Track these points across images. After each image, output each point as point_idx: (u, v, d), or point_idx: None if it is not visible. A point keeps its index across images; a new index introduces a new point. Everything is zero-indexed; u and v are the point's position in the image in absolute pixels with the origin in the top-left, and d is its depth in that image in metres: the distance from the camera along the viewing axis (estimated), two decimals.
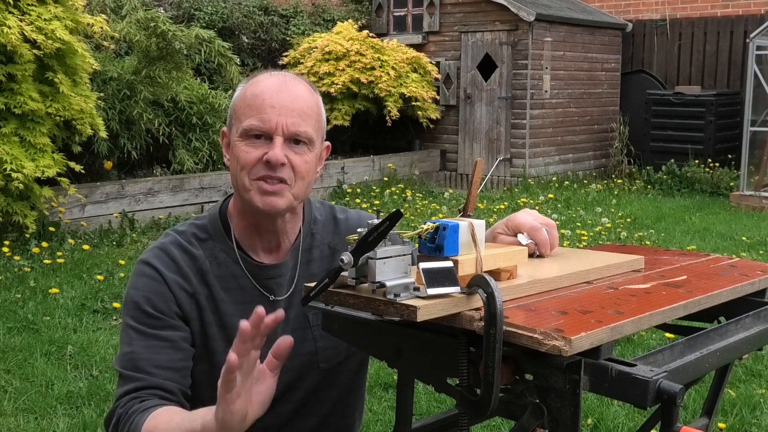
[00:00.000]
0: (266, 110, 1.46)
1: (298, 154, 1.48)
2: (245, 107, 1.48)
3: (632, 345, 4.19)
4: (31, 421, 3.36)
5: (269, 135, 1.46)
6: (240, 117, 1.49)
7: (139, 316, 1.49)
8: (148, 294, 1.50)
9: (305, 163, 1.49)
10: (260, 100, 1.47)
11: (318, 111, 1.53)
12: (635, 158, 10.56)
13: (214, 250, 1.56)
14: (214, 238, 1.57)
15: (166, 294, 1.51)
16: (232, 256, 1.56)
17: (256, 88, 1.49)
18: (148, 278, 1.52)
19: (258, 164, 1.46)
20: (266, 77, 1.52)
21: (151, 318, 1.49)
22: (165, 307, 1.50)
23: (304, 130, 1.48)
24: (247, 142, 1.47)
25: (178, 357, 1.49)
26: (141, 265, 1.55)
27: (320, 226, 1.65)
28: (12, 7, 5.71)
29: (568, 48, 10.30)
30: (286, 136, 1.46)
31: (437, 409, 3.40)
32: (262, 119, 1.46)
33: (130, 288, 1.54)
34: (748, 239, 6.95)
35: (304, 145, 1.49)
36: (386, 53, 9.78)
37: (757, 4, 10.45)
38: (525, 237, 1.41)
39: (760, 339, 1.32)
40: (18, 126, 5.74)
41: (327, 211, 1.68)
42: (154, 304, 1.50)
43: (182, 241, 1.56)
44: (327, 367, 1.61)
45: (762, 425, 3.35)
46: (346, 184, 9.13)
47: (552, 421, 1.06)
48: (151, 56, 7.62)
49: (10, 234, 6.05)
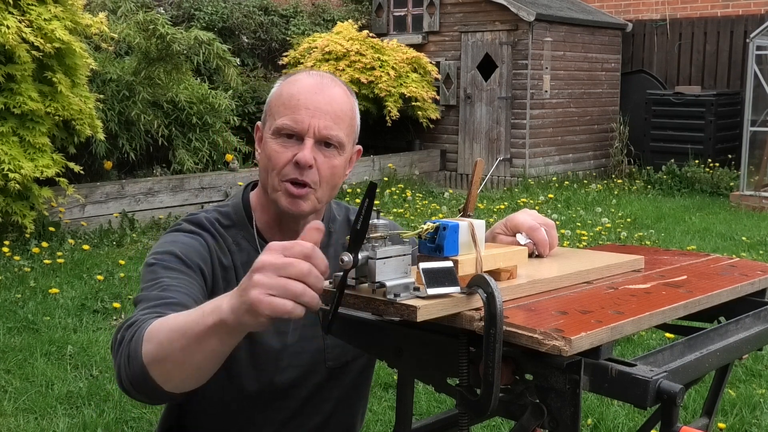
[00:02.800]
0: (300, 111, 1.47)
1: (327, 158, 1.49)
2: (280, 105, 1.49)
3: (632, 345, 4.19)
4: (31, 421, 3.36)
5: (300, 136, 1.47)
6: (274, 114, 1.50)
7: (168, 258, 1.46)
8: (185, 247, 1.48)
9: (332, 167, 1.50)
10: (295, 101, 1.48)
11: (352, 115, 1.54)
12: (635, 158, 10.56)
13: (236, 237, 1.57)
14: (237, 225, 1.58)
15: (204, 255, 1.49)
16: (253, 245, 1.57)
17: (293, 87, 1.50)
18: (190, 237, 1.51)
19: (288, 165, 1.47)
20: (305, 77, 1.52)
21: (182, 262, 1.46)
22: (198, 262, 1.48)
23: (335, 134, 1.49)
24: (279, 140, 1.48)
25: (201, 299, 1.40)
26: (181, 227, 1.53)
27: (338, 225, 1.67)
28: (12, 7, 5.71)
29: (568, 48, 10.30)
30: (317, 138, 1.48)
31: (437, 409, 3.40)
32: (295, 119, 1.47)
33: (164, 241, 1.50)
34: (748, 239, 6.95)
35: (334, 149, 1.50)
36: (386, 53, 9.78)
37: (757, 4, 10.45)
38: (524, 237, 1.41)
39: (760, 339, 1.32)
40: (17, 126, 5.74)
41: (343, 212, 1.71)
42: (188, 254, 1.47)
43: (214, 221, 1.57)
44: (333, 365, 1.61)
45: (762, 425, 3.35)
46: (346, 184, 9.13)
47: (552, 421, 1.06)
48: (150, 57, 7.62)
49: (10, 234, 6.05)
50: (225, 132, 8.29)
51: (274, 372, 1.57)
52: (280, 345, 1.56)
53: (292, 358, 1.57)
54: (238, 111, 8.85)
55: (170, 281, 1.40)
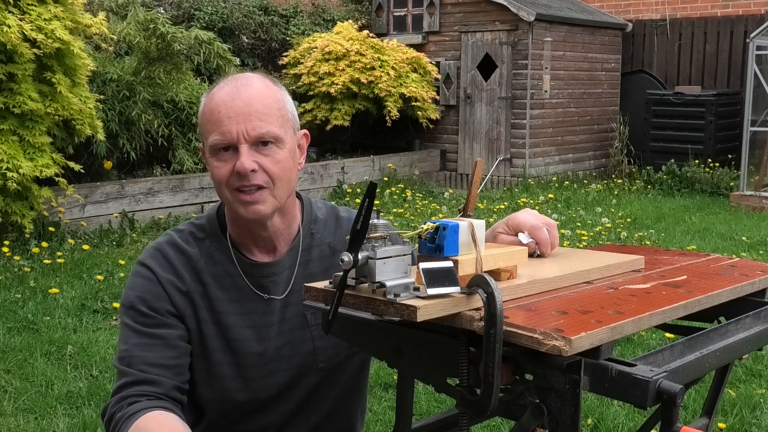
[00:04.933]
0: (224, 122, 1.45)
1: (269, 156, 1.47)
2: (206, 123, 1.49)
3: (632, 345, 4.19)
4: (31, 421, 3.36)
5: (234, 146, 1.46)
6: (205, 134, 1.50)
7: (134, 315, 1.52)
8: (142, 294, 1.53)
9: (277, 162, 1.48)
10: (216, 114, 1.47)
11: (279, 105, 1.50)
12: (635, 158, 10.56)
13: (210, 249, 1.57)
14: (211, 237, 1.58)
15: (160, 293, 1.53)
16: (227, 255, 1.57)
17: (211, 102, 1.49)
18: (143, 278, 1.55)
19: (232, 176, 1.47)
20: (219, 88, 1.51)
21: (145, 317, 1.52)
22: (159, 306, 1.52)
23: (266, 131, 1.46)
24: (217, 157, 1.48)
25: (171, 354, 1.51)
26: (137, 266, 1.58)
27: (321, 225, 1.65)
28: (12, 7, 5.71)
29: (568, 48, 10.30)
30: (250, 142, 1.46)
31: (437, 409, 3.39)
32: (222, 132, 1.46)
33: (127, 288, 1.56)
34: (748, 239, 6.95)
35: (273, 145, 1.48)
36: (386, 53, 9.78)
37: (757, 4, 10.45)
38: (526, 236, 1.41)
39: (760, 339, 1.32)
40: (17, 125, 5.74)
41: (329, 211, 1.68)
42: (148, 303, 1.52)
43: (178, 240, 1.58)
44: (326, 366, 1.61)
45: (762, 425, 3.34)
46: (346, 184, 9.13)
47: (552, 421, 1.06)
48: (150, 57, 7.62)
49: (10, 234, 6.05)
50: None
51: (262, 378, 1.58)
52: (262, 351, 1.57)
53: (279, 362, 1.58)
54: None
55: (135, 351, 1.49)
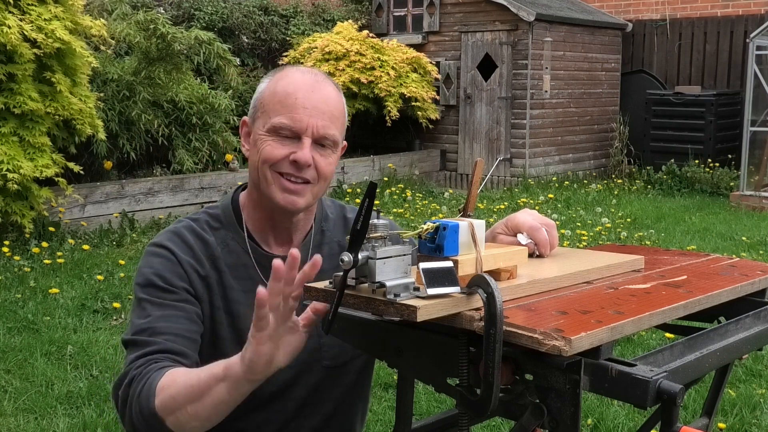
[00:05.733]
0: (298, 110, 1.45)
1: (324, 156, 1.49)
2: (276, 103, 1.47)
3: (632, 345, 4.19)
4: (31, 421, 3.36)
5: (298, 135, 1.46)
6: (269, 112, 1.48)
7: (152, 291, 1.48)
8: (161, 271, 1.50)
9: (329, 164, 1.50)
10: (293, 99, 1.46)
11: (344, 113, 1.54)
12: (635, 158, 10.56)
13: (225, 239, 1.57)
14: (226, 227, 1.58)
15: (180, 272, 1.50)
16: (242, 246, 1.56)
17: (287, 84, 1.48)
18: (161, 258, 1.51)
19: (284, 161, 1.47)
20: (297, 73, 1.51)
21: (166, 291, 1.48)
22: (178, 284, 1.49)
23: (332, 133, 1.49)
24: (275, 138, 1.47)
25: (195, 328, 1.48)
26: (153, 247, 1.54)
27: (331, 224, 1.66)
28: (12, 7, 5.71)
29: (568, 48, 10.30)
30: (314, 138, 1.47)
31: (437, 409, 3.39)
32: (293, 119, 1.45)
33: (142, 267, 1.52)
34: (748, 239, 6.95)
35: (330, 148, 1.50)
36: (386, 53, 9.78)
37: (757, 4, 10.45)
38: (525, 237, 1.41)
39: (760, 339, 1.32)
40: (17, 126, 5.74)
41: (338, 210, 1.70)
42: (167, 279, 1.49)
43: (196, 227, 1.57)
44: (331, 365, 1.60)
45: (762, 425, 3.34)
46: (346, 184, 9.13)
47: (552, 421, 1.06)
48: (150, 57, 7.62)
49: (10, 234, 6.05)
50: (225, 132, 8.29)
51: None
52: None
53: None
54: (238, 111, 8.85)
55: (158, 322, 1.44)
